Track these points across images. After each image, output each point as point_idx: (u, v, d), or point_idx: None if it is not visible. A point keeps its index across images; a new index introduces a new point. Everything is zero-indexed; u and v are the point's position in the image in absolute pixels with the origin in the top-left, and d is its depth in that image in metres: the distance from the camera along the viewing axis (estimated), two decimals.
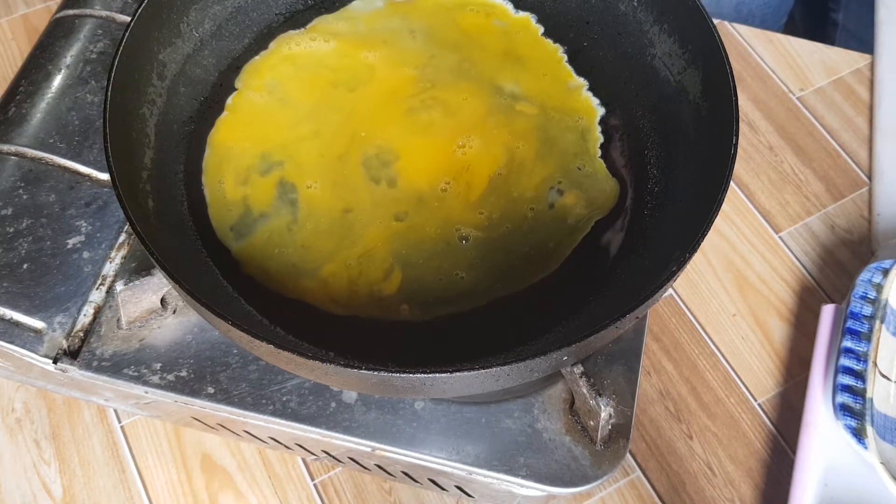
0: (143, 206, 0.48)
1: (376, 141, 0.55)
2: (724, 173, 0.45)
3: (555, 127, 0.56)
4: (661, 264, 0.46)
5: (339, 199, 0.53)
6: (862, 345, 0.57)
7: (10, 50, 0.79)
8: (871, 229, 0.69)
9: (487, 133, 0.56)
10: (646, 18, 0.56)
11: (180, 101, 0.55)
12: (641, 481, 0.60)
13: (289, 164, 0.54)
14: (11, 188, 0.56)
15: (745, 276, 0.67)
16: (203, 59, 0.57)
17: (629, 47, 0.58)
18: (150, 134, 0.52)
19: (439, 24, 0.61)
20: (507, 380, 0.41)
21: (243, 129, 0.56)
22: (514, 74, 0.58)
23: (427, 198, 0.53)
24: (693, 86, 0.52)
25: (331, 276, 0.51)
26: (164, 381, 0.51)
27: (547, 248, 0.52)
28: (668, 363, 0.64)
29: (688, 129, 0.53)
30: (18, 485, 0.59)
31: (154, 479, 0.59)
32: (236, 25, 0.59)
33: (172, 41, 0.55)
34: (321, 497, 0.59)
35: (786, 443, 0.61)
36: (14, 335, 0.52)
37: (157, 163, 0.52)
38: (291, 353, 0.39)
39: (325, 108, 0.57)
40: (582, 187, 0.54)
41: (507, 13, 0.61)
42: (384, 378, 0.39)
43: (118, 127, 0.47)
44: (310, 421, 0.50)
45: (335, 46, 0.59)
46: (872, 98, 0.75)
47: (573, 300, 0.50)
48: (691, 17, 0.51)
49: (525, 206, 0.53)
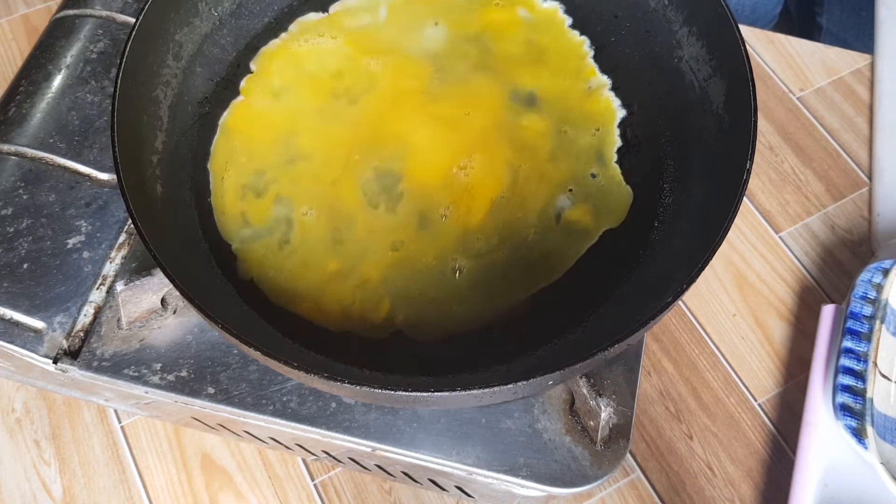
0: (151, 193, 0.48)
1: (375, 162, 0.54)
2: (735, 196, 0.43)
3: (570, 131, 0.55)
4: (664, 283, 0.45)
5: (334, 227, 0.52)
6: (862, 345, 0.57)
7: (10, 50, 0.79)
8: (871, 229, 0.69)
9: (492, 150, 0.54)
10: (675, 18, 0.55)
11: (196, 81, 0.55)
12: (641, 481, 0.60)
13: (284, 186, 0.53)
14: (11, 188, 0.56)
15: (746, 276, 0.67)
16: (221, 38, 0.57)
17: (657, 46, 0.56)
18: (164, 116, 0.52)
19: (463, 12, 0.59)
20: (491, 399, 0.41)
21: (246, 139, 0.55)
22: (534, 72, 0.57)
23: (425, 224, 0.52)
24: (717, 95, 0.51)
25: (324, 302, 0.50)
26: (165, 382, 0.51)
27: (549, 262, 0.51)
28: (668, 363, 0.64)
29: (708, 140, 0.51)
30: (18, 485, 0.59)
31: (154, 479, 0.59)
32: (257, 4, 0.59)
33: (190, 21, 0.54)
34: (321, 497, 0.59)
35: (786, 443, 0.61)
36: (14, 335, 0.52)
37: (169, 146, 0.51)
38: (277, 361, 0.39)
39: (326, 120, 0.55)
40: (593, 196, 0.53)
41: (534, 4, 0.60)
42: (367, 392, 0.39)
43: (128, 114, 0.47)
44: (310, 421, 0.50)
45: (343, 48, 0.58)
46: (872, 98, 0.75)
47: (572, 314, 0.50)
48: (719, 23, 0.50)
49: (529, 228, 0.52)
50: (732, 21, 0.49)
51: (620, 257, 0.52)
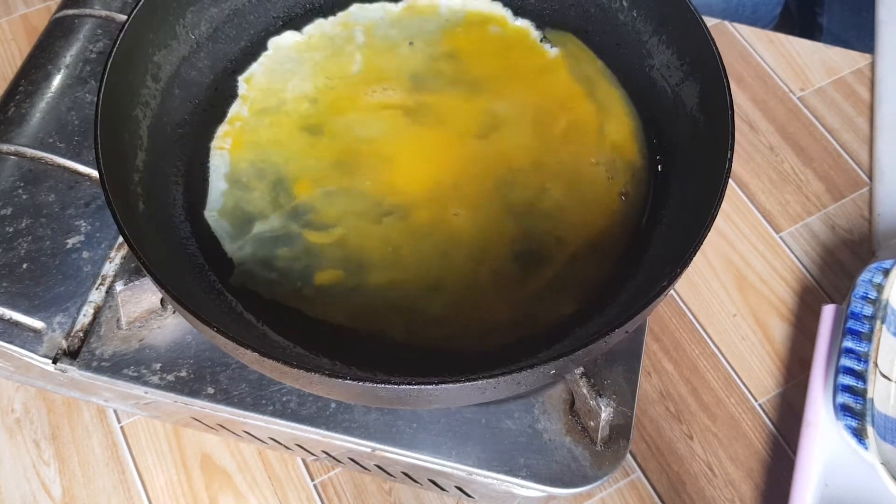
0: (133, 208, 0.48)
1: (354, 181, 0.54)
2: (718, 190, 0.44)
3: (554, 154, 0.55)
4: (653, 277, 0.46)
5: (334, 237, 0.52)
6: (862, 345, 0.57)
7: (10, 50, 0.79)
8: (872, 229, 0.69)
9: (476, 169, 0.54)
10: (645, 29, 0.56)
11: (174, 103, 0.55)
12: (642, 482, 0.60)
13: (279, 202, 0.53)
14: (11, 188, 0.56)
15: (746, 276, 0.67)
16: (198, 61, 0.57)
17: (627, 57, 0.57)
18: (143, 136, 0.52)
19: (436, 32, 0.60)
20: (494, 392, 0.41)
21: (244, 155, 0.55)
22: (510, 87, 0.58)
23: (417, 231, 0.52)
24: (690, 98, 0.52)
25: (322, 308, 0.50)
26: (164, 382, 0.51)
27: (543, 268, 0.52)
28: (669, 363, 0.64)
29: (684, 141, 0.53)
30: (18, 485, 0.59)
31: (154, 479, 0.59)
32: (233, 28, 0.59)
33: (168, 43, 0.54)
34: (321, 497, 0.59)
35: (786, 443, 0.61)
36: (13, 335, 0.52)
37: (150, 165, 0.51)
38: (276, 361, 0.38)
39: (308, 139, 0.56)
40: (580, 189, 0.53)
41: (506, 21, 0.61)
42: (368, 388, 0.39)
43: (110, 129, 0.47)
44: (310, 421, 0.50)
45: (320, 69, 0.58)
46: (873, 98, 0.75)
47: (570, 321, 0.50)
48: (690, 28, 0.51)
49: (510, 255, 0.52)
50: (703, 26, 0.50)
51: (615, 265, 0.52)
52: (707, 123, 0.50)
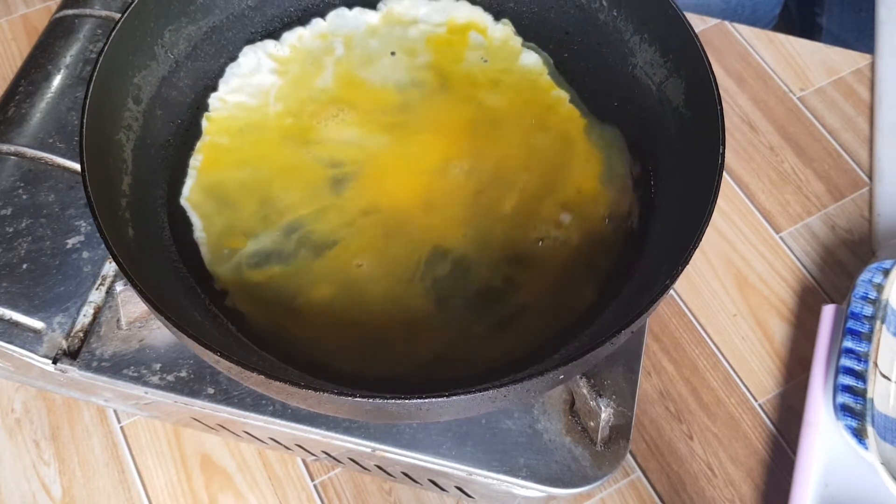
0: (123, 234, 0.47)
1: (349, 195, 0.53)
2: (712, 186, 0.44)
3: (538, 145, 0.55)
4: (653, 277, 0.46)
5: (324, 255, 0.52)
6: (862, 345, 0.57)
7: (10, 50, 0.79)
8: (872, 229, 0.69)
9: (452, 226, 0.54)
10: (626, 28, 0.56)
11: (157, 124, 0.54)
12: (642, 482, 0.60)
13: (267, 222, 0.53)
14: (11, 188, 0.56)
15: (746, 276, 0.67)
16: (179, 80, 0.56)
17: (609, 57, 0.57)
18: (128, 160, 0.51)
19: (417, 41, 0.60)
20: (504, 402, 0.41)
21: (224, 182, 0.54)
22: (494, 91, 0.57)
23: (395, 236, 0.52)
24: (676, 95, 0.52)
25: (314, 331, 0.50)
26: (164, 382, 0.51)
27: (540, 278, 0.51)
28: (669, 363, 0.64)
29: (672, 139, 0.52)
30: (18, 485, 0.59)
31: (154, 479, 0.59)
32: (212, 45, 0.58)
33: (147, 64, 0.53)
34: (321, 497, 0.59)
35: (786, 443, 0.61)
36: (13, 335, 0.52)
37: (136, 189, 0.50)
38: (283, 382, 0.38)
39: (292, 157, 0.55)
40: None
41: (486, 26, 0.61)
42: (379, 405, 0.39)
43: (95, 153, 0.46)
44: (310, 421, 0.50)
45: (300, 82, 0.58)
46: (873, 98, 0.75)
47: (571, 329, 0.50)
48: (672, 25, 0.51)
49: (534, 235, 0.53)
50: (685, 21, 0.50)
51: (613, 266, 0.52)
52: (695, 119, 0.50)
